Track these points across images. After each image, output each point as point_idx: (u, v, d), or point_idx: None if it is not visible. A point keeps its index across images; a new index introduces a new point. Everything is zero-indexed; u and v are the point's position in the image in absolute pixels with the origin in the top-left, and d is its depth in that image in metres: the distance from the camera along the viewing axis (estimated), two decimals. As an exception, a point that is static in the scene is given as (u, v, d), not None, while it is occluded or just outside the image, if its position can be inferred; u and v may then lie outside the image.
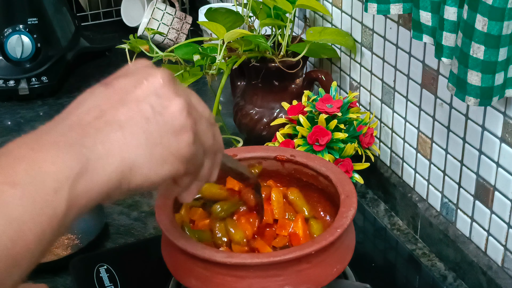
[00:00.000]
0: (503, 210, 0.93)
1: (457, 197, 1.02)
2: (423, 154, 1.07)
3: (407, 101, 1.09)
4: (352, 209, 0.83)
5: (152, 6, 1.68)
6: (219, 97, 1.17)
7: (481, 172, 0.95)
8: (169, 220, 0.83)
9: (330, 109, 1.10)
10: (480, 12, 0.75)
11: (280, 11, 1.22)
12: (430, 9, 0.87)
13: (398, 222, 1.14)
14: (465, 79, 0.80)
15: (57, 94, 1.56)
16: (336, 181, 0.88)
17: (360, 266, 0.97)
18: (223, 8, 1.25)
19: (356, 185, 1.20)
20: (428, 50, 1.01)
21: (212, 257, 0.77)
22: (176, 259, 0.82)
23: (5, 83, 1.52)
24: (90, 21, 1.90)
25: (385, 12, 0.95)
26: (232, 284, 0.78)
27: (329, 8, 1.26)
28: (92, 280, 0.98)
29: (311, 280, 0.79)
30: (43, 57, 1.55)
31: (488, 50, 0.77)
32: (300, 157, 0.94)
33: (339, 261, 0.82)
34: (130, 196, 1.21)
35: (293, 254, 0.77)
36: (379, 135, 1.18)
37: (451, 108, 0.99)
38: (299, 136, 1.11)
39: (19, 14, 1.54)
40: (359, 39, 1.19)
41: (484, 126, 0.93)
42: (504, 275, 0.94)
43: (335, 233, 0.79)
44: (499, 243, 0.95)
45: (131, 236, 1.12)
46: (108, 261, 1.01)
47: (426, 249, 1.08)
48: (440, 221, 1.05)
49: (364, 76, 1.20)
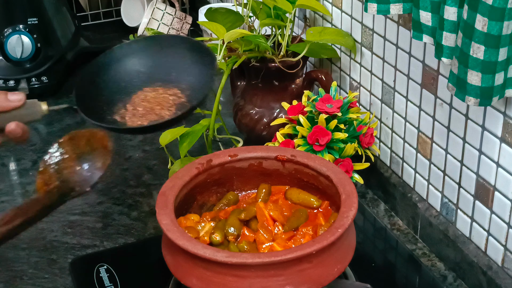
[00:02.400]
0: (503, 210, 0.93)
1: (457, 197, 1.02)
2: (423, 154, 1.08)
3: (407, 101, 1.09)
4: (352, 209, 0.83)
5: (152, 6, 1.68)
6: (219, 97, 1.17)
7: (481, 172, 0.95)
8: (170, 220, 0.83)
9: (330, 109, 1.10)
10: (480, 12, 0.75)
11: (280, 11, 1.22)
12: (430, 9, 0.87)
13: (398, 222, 1.14)
14: (465, 79, 0.80)
15: (57, 94, 1.56)
16: (336, 181, 0.88)
17: (360, 266, 0.97)
18: (223, 8, 1.25)
19: (356, 185, 1.20)
20: (428, 50, 1.01)
21: (213, 256, 0.77)
22: (177, 259, 0.82)
23: (5, 83, 1.52)
24: (90, 21, 1.90)
25: (385, 12, 0.95)
26: (233, 283, 0.78)
27: (329, 8, 1.26)
28: (92, 280, 0.98)
29: (311, 280, 0.79)
30: (43, 57, 1.55)
31: (488, 50, 0.77)
32: (301, 157, 0.94)
33: (339, 261, 0.82)
34: (130, 196, 1.21)
35: (294, 254, 0.77)
36: (379, 135, 1.18)
37: (451, 108, 0.99)
38: (299, 136, 1.11)
39: (19, 14, 1.54)
40: (359, 39, 1.19)
41: (484, 126, 0.93)
42: (504, 275, 0.94)
43: (336, 233, 0.79)
44: (499, 243, 0.95)
45: (131, 236, 1.12)
46: (108, 261, 1.01)
47: (426, 249, 1.08)
48: (440, 221, 1.05)
49: (364, 76, 1.20)
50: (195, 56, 0.95)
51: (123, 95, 0.94)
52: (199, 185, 0.93)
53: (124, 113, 0.92)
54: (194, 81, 0.95)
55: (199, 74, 0.95)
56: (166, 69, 0.97)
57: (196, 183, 0.93)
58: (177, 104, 0.93)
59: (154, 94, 0.95)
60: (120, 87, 0.95)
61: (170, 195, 0.87)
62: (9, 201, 1.21)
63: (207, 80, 0.93)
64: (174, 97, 0.94)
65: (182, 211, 0.91)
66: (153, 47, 0.98)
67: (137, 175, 1.28)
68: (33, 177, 1.28)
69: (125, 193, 1.23)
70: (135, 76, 0.97)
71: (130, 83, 0.96)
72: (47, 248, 1.09)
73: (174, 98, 0.94)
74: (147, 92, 0.95)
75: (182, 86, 0.95)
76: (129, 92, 0.95)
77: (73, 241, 1.11)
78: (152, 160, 1.32)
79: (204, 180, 0.94)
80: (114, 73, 0.96)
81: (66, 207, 1.19)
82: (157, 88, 0.96)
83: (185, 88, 0.94)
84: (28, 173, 1.30)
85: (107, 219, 1.16)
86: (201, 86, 0.93)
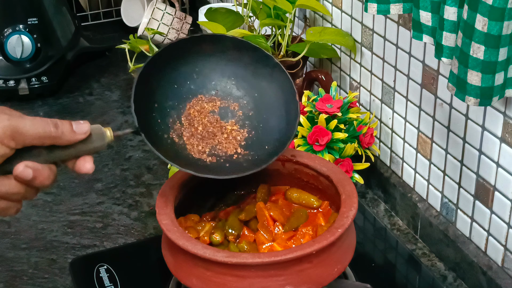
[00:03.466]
0: (503, 210, 0.93)
1: (457, 197, 1.02)
2: (423, 154, 1.08)
3: (407, 101, 1.09)
4: (352, 209, 0.83)
5: (152, 6, 1.68)
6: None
7: (481, 172, 0.95)
8: (170, 220, 0.83)
9: (330, 109, 1.10)
10: (480, 12, 0.75)
11: (280, 11, 1.22)
12: (430, 9, 0.87)
13: (398, 222, 1.14)
14: (465, 79, 0.80)
15: (57, 94, 1.56)
16: (336, 181, 0.88)
17: (360, 266, 0.97)
18: (223, 8, 1.25)
19: (356, 185, 1.20)
20: (428, 50, 1.01)
21: (213, 256, 0.77)
22: (177, 259, 0.82)
23: (5, 83, 1.52)
24: (90, 21, 1.90)
25: (385, 12, 0.95)
26: (233, 283, 0.78)
27: (329, 8, 1.26)
28: (92, 280, 0.98)
29: (312, 280, 0.79)
30: (43, 57, 1.55)
31: (488, 50, 0.77)
32: (301, 157, 0.94)
33: (339, 261, 0.82)
34: (130, 196, 1.21)
35: (294, 254, 0.77)
36: (379, 135, 1.18)
37: (451, 108, 0.99)
38: (299, 136, 1.11)
39: (19, 14, 1.54)
40: (359, 39, 1.19)
41: (484, 126, 0.93)
42: (504, 275, 0.94)
43: (336, 233, 0.79)
44: (499, 243, 0.95)
45: (131, 236, 1.12)
46: (108, 261, 1.01)
47: (426, 249, 1.08)
48: (440, 221, 1.05)
49: (364, 76, 1.20)
50: (278, 90, 0.87)
51: (176, 101, 0.86)
52: (199, 185, 0.93)
53: (180, 130, 0.86)
54: (273, 123, 0.87)
55: (278, 115, 0.86)
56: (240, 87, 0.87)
57: (196, 183, 0.93)
58: (246, 143, 0.86)
59: (211, 107, 0.87)
60: (173, 90, 0.86)
61: (170, 195, 0.87)
62: (9, 201, 1.21)
63: (289, 129, 0.85)
64: (238, 133, 0.87)
65: (182, 211, 0.91)
66: (232, 55, 0.86)
67: (137, 175, 1.28)
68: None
69: (125, 193, 1.23)
70: (190, 77, 0.87)
71: (184, 87, 0.86)
72: (47, 248, 1.09)
73: (237, 132, 0.87)
74: (204, 102, 0.88)
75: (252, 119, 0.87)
76: (182, 98, 0.86)
77: (73, 241, 1.11)
78: (152, 160, 1.32)
79: (204, 180, 0.94)
80: (170, 71, 0.85)
81: (66, 207, 1.19)
82: (214, 98, 0.87)
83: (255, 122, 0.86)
84: (28, 173, 1.29)
85: (107, 219, 1.16)
86: (280, 132, 0.85)
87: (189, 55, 0.86)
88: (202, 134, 0.86)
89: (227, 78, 0.88)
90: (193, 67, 0.87)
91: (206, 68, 0.88)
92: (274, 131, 0.87)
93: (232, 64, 0.88)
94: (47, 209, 1.19)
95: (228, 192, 0.96)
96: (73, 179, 1.26)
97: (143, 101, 0.82)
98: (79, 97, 1.56)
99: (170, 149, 0.84)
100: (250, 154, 0.87)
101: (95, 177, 1.27)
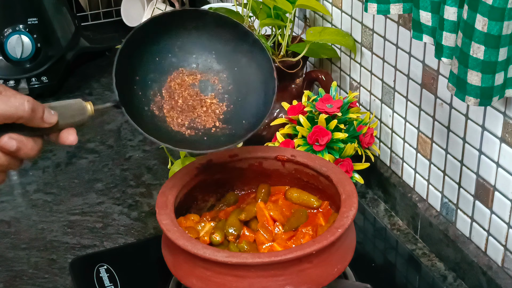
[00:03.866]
0: (503, 210, 0.93)
1: (457, 197, 1.02)
2: (423, 154, 1.08)
3: (407, 101, 1.09)
4: (352, 209, 0.83)
5: (152, 6, 1.68)
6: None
7: (481, 172, 0.95)
8: (170, 220, 0.83)
9: (330, 109, 1.10)
10: (480, 12, 0.75)
11: (280, 11, 1.22)
12: (430, 9, 0.87)
13: (398, 222, 1.14)
14: (465, 79, 0.80)
15: (57, 94, 1.56)
16: (336, 181, 0.88)
17: (360, 266, 0.97)
18: (223, 8, 1.25)
19: (356, 185, 1.20)
20: (428, 50, 1.01)
21: (213, 256, 0.77)
22: (177, 259, 0.82)
23: (5, 83, 1.52)
24: (90, 21, 1.90)
25: (385, 12, 0.95)
26: (233, 283, 0.78)
27: (329, 8, 1.26)
28: (92, 280, 0.98)
29: (312, 280, 0.79)
30: (43, 57, 1.55)
31: (488, 50, 0.77)
32: (301, 157, 0.94)
33: (340, 261, 0.82)
34: (130, 196, 1.21)
35: (294, 254, 0.77)
36: (379, 135, 1.18)
37: (451, 108, 0.99)
38: (299, 136, 1.11)
39: (19, 14, 1.54)
40: (359, 39, 1.19)
41: (484, 126, 0.93)
42: (504, 275, 0.94)
43: (336, 233, 0.79)
44: (499, 243, 0.95)
45: (131, 236, 1.12)
46: (108, 261, 1.01)
47: (426, 249, 1.08)
48: (440, 221, 1.05)
49: (364, 76, 1.20)
50: (257, 66, 0.87)
51: (157, 73, 0.87)
52: (199, 185, 0.93)
53: (160, 102, 0.86)
54: (251, 98, 0.88)
55: (257, 89, 0.87)
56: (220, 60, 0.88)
57: (196, 183, 0.93)
58: (224, 117, 0.87)
59: (192, 80, 0.88)
60: (155, 63, 0.87)
61: (170, 195, 0.87)
62: (9, 201, 1.21)
63: (265, 103, 0.86)
64: (216, 106, 0.88)
65: (182, 211, 0.91)
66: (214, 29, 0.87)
67: (137, 175, 1.28)
68: (33, 177, 1.28)
69: (125, 193, 1.23)
70: (172, 50, 0.88)
71: (165, 59, 0.87)
72: (47, 248, 1.09)
73: (214, 105, 0.87)
74: (184, 76, 0.88)
75: (229, 90, 0.88)
76: (163, 70, 0.87)
77: (73, 241, 1.11)
78: (152, 160, 1.32)
79: (204, 180, 0.94)
80: (152, 44, 0.86)
81: (66, 207, 1.19)
82: (194, 71, 0.88)
83: (234, 95, 0.87)
84: (28, 173, 1.30)
85: (107, 219, 1.16)
86: (256, 109, 0.86)
87: (171, 29, 0.87)
88: (182, 107, 0.87)
89: (208, 52, 0.89)
90: (175, 40, 0.88)
91: (188, 42, 0.89)
92: (252, 107, 0.88)
93: (213, 39, 0.89)
94: (47, 209, 1.19)
95: (228, 192, 0.97)
96: (73, 179, 1.27)
97: (124, 75, 0.83)
98: (79, 97, 1.55)
99: (149, 122, 0.85)
100: (228, 128, 0.88)
101: (95, 177, 1.27)
